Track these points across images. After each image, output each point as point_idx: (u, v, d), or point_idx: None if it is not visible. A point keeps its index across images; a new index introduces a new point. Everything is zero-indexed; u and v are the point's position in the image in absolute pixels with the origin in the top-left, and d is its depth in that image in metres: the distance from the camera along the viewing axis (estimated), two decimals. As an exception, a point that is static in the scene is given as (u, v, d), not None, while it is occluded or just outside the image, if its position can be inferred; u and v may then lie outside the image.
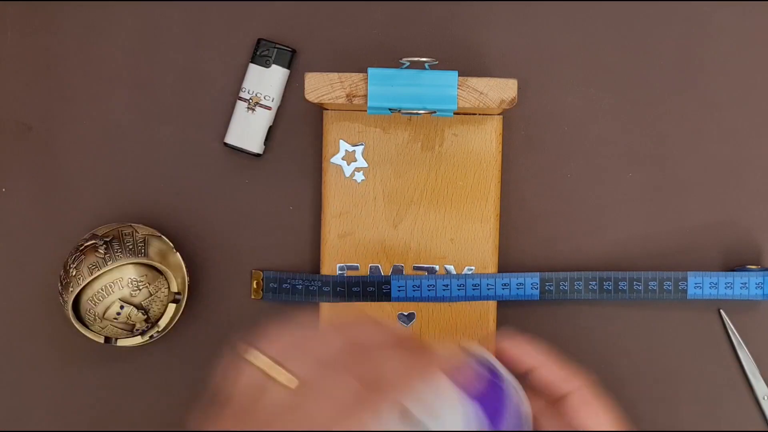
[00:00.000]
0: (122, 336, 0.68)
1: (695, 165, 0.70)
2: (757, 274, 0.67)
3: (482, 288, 0.67)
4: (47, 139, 0.71)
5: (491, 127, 0.67)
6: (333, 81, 0.62)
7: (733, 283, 0.67)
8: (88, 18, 0.70)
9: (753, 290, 0.67)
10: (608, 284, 0.67)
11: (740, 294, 0.67)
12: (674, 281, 0.67)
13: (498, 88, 0.62)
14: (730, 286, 0.67)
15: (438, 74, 0.62)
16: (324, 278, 0.67)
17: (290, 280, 0.68)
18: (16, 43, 0.71)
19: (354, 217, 0.68)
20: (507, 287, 0.67)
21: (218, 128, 0.70)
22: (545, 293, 0.67)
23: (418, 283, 0.67)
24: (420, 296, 0.67)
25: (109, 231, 0.67)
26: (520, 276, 0.67)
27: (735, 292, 0.67)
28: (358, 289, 0.67)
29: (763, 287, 0.67)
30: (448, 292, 0.67)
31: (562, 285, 0.67)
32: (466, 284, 0.67)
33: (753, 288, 0.67)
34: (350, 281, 0.67)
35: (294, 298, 0.68)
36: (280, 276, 0.68)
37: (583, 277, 0.67)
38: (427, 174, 0.68)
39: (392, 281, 0.67)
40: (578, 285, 0.68)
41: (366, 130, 0.68)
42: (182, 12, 0.70)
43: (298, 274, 0.68)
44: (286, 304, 0.70)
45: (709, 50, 0.70)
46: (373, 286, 0.67)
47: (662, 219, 0.70)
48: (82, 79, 0.71)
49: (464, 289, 0.67)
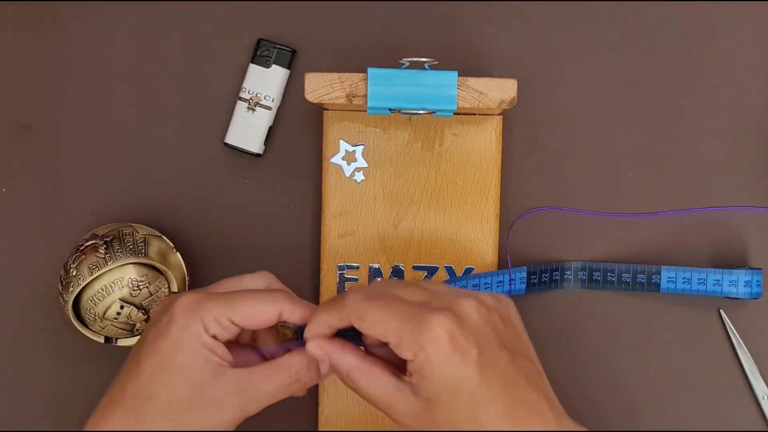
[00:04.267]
0: (122, 336, 0.68)
1: (695, 165, 0.70)
2: (739, 272, 0.67)
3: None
4: (47, 139, 0.71)
5: (491, 127, 0.67)
6: (333, 81, 0.62)
7: (706, 280, 0.67)
8: (88, 18, 0.70)
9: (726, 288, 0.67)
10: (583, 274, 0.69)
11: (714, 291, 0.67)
12: (648, 274, 0.68)
13: (498, 88, 0.62)
14: (703, 282, 0.67)
15: (438, 74, 0.62)
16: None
17: None
18: (16, 42, 0.71)
19: (354, 217, 0.68)
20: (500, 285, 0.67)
21: (218, 128, 0.70)
22: (531, 286, 0.68)
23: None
24: None
25: (109, 231, 0.67)
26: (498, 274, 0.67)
27: (724, 289, 0.67)
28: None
29: (751, 285, 0.67)
30: None
31: (555, 275, 0.68)
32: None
33: (726, 286, 0.67)
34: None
35: None
36: None
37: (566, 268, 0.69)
38: (427, 174, 0.68)
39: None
40: (556, 276, 0.69)
41: (366, 130, 0.68)
42: (182, 12, 0.70)
43: None
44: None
45: (709, 50, 0.70)
46: None
47: (662, 218, 0.70)
48: (82, 79, 0.71)
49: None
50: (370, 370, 0.50)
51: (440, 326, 0.47)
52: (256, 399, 0.51)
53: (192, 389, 0.50)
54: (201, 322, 0.51)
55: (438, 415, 0.48)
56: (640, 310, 0.70)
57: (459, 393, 0.47)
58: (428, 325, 0.47)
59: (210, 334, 0.51)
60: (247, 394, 0.51)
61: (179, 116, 0.70)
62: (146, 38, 0.70)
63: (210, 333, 0.51)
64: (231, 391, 0.51)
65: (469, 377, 0.47)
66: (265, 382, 0.52)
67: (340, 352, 0.51)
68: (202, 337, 0.51)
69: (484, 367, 0.47)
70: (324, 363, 0.52)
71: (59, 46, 0.70)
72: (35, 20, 0.70)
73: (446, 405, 0.48)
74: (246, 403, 0.51)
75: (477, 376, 0.47)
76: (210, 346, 0.51)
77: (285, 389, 0.52)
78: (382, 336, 0.49)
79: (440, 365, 0.47)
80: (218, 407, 0.51)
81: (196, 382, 0.50)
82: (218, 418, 0.51)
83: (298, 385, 0.53)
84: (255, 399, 0.51)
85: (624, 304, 0.70)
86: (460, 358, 0.47)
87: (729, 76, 0.70)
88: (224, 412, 0.51)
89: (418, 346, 0.47)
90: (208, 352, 0.51)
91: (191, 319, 0.51)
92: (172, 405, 0.50)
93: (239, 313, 0.52)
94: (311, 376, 0.53)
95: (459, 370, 0.47)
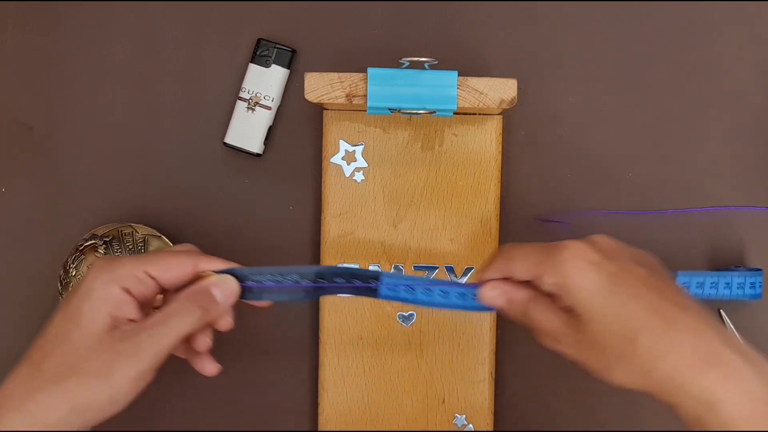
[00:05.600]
0: (122, 336, 0.68)
1: (695, 165, 0.70)
2: (738, 274, 0.66)
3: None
4: (47, 139, 0.71)
5: (491, 127, 0.67)
6: (333, 81, 0.62)
7: (718, 283, 0.66)
8: (88, 18, 0.70)
9: (725, 290, 0.66)
10: None
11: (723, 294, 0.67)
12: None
13: (498, 88, 0.62)
14: (715, 286, 0.66)
15: (438, 74, 0.62)
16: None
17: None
18: (16, 42, 0.71)
19: (354, 217, 0.68)
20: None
21: (218, 128, 0.70)
22: None
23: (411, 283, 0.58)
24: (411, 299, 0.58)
25: (109, 231, 0.67)
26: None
27: (719, 292, 0.66)
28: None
29: (743, 288, 0.67)
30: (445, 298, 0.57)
31: None
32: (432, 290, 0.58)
33: (734, 288, 0.66)
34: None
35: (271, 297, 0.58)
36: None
37: None
38: (427, 174, 0.68)
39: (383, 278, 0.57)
40: None
41: (366, 130, 0.68)
42: (182, 12, 0.70)
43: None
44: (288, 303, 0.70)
45: (709, 50, 0.70)
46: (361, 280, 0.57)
47: (662, 218, 0.70)
48: (82, 79, 0.71)
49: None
50: (542, 301, 0.53)
51: (575, 248, 0.51)
52: (156, 343, 0.51)
53: (90, 339, 0.51)
54: (113, 274, 0.52)
55: (596, 336, 0.50)
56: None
57: (608, 309, 0.50)
58: (566, 249, 0.51)
59: (122, 286, 0.52)
60: (144, 340, 0.51)
61: (179, 116, 0.70)
62: (146, 38, 0.70)
63: (122, 285, 0.52)
64: (127, 340, 0.51)
65: (610, 291, 0.50)
66: (160, 324, 0.52)
67: (515, 289, 0.54)
68: (111, 289, 0.52)
69: (620, 280, 0.50)
70: (500, 299, 0.55)
71: (59, 46, 0.71)
72: (35, 20, 0.71)
73: (599, 325, 0.50)
74: (142, 351, 0.51)
75: (615, 287, 0.50)
76: (118, 298, 0.52)
77: (185, 320, 0.52)
78: (528, 269, 0.53)
79: (582, 284, 0.50)
80: (117, 357, 0.51)
81: (95, 332, 0.51)
82: (119, 368, 0.50)
83: (202, 312, 0.53)
84: (155, 344, 0.51)
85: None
86: (598, 273, 0.50)
87: (729, 76, 0.70)
88: (123, 363, 0.51)
89: (559, 272, 0.51)
90: (113, 304, 0.51)
91: (103, 272, 0.52)
92: (69, 355, 0.50)
93: (154, 264, 0.53)
94: (208, 299, 0.54)
95: (599, 285, 0.50)
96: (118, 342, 0.51)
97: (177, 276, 0.54)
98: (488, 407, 0.68)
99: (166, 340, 0.52)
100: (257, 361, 0.71)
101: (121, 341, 0.51)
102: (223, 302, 0.55)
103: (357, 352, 0.68)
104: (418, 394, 0.68)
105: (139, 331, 0.51)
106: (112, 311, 0.51)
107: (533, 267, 0.53)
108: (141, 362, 0.51)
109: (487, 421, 0.68)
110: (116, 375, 0.50)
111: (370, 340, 0.68)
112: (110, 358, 0.50)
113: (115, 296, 0.52)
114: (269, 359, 0.71)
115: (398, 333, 0.68)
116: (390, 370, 0.68)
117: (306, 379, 0.71)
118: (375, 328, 0.68)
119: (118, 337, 0.51)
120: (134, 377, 0.50)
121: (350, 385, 0.68)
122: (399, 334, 0.68)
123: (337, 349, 0.68)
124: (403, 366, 0.68)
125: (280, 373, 0.71)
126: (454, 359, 0.68)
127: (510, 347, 0.70)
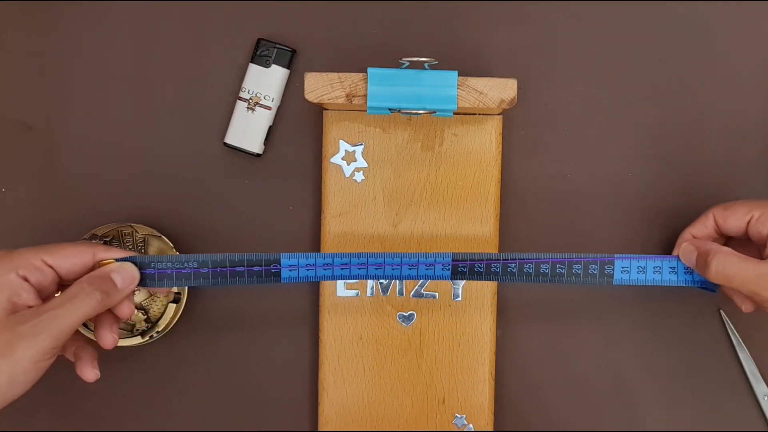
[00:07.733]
0: (122, 336, 0.68)
1: (695, 165, 0.70)
2: (655, 257, 0.62)
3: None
4: (47, 139, 0.71)
5: (491, 127, 0.67)
6: (333, 81, 0.62)
7: (661, 268, 0.62)
8: (88, 18, 0.70)
9: (666, 275, 0.62)
10: (528, 267, 0.61)
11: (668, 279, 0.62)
12: (600, 265, 0.61)
13: (498, 88, 0.62)
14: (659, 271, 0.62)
15: (438, 74, 0.62)
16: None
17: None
18: (16, 43, 0.71)
19: (354, 217, 0.68)
20: (414, 267, 0.61)
21: (218, 128, 0.70)
22: (457, 274, 0.61)
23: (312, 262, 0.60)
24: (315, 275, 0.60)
25: (109, 231, 0.67)
26: (430, 256, 0.61)
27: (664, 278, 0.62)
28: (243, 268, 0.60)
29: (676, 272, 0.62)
30: (348, 271, 0.61)
31: (477, 266, 0.61)
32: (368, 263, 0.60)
33: (666, 273, 0.62)
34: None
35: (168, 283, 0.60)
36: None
37: (501, 258, 0.61)
38: (427, 174, 0.68)
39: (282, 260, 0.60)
40: (496, 267, 0.61)
41: (366, 130, 0.68)
42: (182, 12, 0.70)
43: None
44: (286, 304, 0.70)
45: (709, 50, 0.70)
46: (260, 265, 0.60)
47: (662, 218, 0.70)
48: (82, 79, 0.71)
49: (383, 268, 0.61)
50: (739, 255, 0.58)
51: None
52: (56, 325, 0.52)
53: None
54: (11, 263, 0.54)
55: None
56: (642, 310, 0.70)
57: None
58: None
59: (20, 274, 0.53)
60: (44, 320, 0.52)
61: (179, 116, 0.70)
62: (146, 38, 0.70)
63: (20, 273, 0.53)
64: (27, 322, 0.52)
65: None
66: (60, 307, 0.53)
67: (716, 245, 0.59)
68: (9, 276, 0.53)
69: None
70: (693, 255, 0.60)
71: (59, 46, 0.71)
72: (35, 21, 0.71)
73: None
74: (42, 331, 0.52)
75: None
76: (16, 284, 0.53)
77: (85, 303, 0.53)
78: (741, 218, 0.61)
79: None
80: (17, 338, 0.51)
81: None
82: (19, 348, 0.51)
83: (102, 296, 0.54)
84: (55, 325, 0.52)
85: (625, 304, 0.70)
86: None
87: (729, 76, 0.70)
88: (24, 342, 0.51)
89: None
90: (11, 290, 0.53)
91: (1, 260, 0.54)
92: None
93: (52, 253, 0.55)
94: (108, 284, 0.55)
95: None
96: (18, 324, 0.52)
97: (76, 264, 0.56)
98: (488, 407, 0.68)
99: (66, 320, 0.53)
100: (257, 361, 0.71)
101: (21, 323, 0.52)
102: (123, 287, 0.56)
103: (357, 352, 0.68)
104: (418, 394, 0.68)
105: (39, 313, 0.52)
106: (11, 297, 0.53)
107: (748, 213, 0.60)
108: (41, 342, 0.51)
109: (487, 421, 0.68)
110: (16, 355, 0.51)
111: (370, 340, 0.68)
112: (10, 339, 0.51)
113: (13, 283, 0.53)
114: (269, 359, 0.71)
115: (398, 333, 0.68)
116: (390, 370, 0.68)
117: (306, 379, 0.71)
118: (375, 328, 0.68)
119: (19, 320, 0.52)
120: (35, 357, 0.51)
121: (350, 385, 0.68)
122: (399, 334, 0.68)
123: (337, 348, 0.68)
124: (403, 366, 0.68)
125: (280, 372, 0.71)
126: (454, 359, 0.68)
127: (510, 347, 0.70)
